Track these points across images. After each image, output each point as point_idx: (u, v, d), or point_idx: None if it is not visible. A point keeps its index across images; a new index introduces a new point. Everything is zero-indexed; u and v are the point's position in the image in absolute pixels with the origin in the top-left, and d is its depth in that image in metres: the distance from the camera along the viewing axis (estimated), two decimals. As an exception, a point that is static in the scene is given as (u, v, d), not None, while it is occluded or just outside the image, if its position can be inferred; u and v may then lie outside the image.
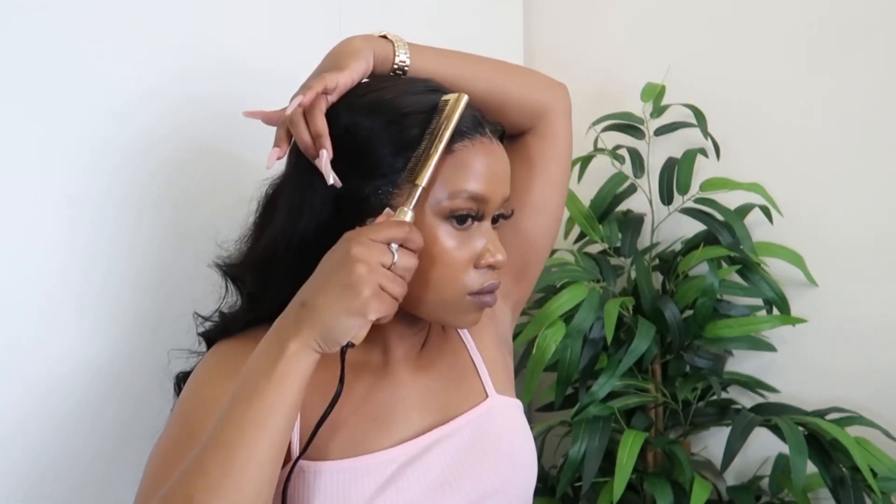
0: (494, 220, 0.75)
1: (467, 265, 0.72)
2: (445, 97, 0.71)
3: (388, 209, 0.69)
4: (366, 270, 0.63)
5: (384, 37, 0.78)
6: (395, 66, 0.77)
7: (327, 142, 0.69)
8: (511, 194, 0.84)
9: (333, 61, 0.74)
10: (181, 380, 0.80)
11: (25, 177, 0.84)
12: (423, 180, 0.68)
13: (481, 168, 0.71)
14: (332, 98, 0.72)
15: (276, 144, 0.73)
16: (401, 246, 0.66)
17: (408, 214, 0.67)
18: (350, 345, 0.65)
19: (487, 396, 0.82)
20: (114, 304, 0.92)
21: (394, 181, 0.70)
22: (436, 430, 0.77)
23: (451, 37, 1.45)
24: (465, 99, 0.70)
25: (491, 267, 0.73)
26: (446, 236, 0.71)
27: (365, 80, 0.76)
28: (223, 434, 0.61)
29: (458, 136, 0.70)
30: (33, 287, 0.85)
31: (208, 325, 0.81)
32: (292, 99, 0.72)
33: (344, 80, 0.72)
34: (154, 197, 0.96)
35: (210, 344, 0.80)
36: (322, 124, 0.69)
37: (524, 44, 1.69)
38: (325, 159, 0.68)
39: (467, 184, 0.70)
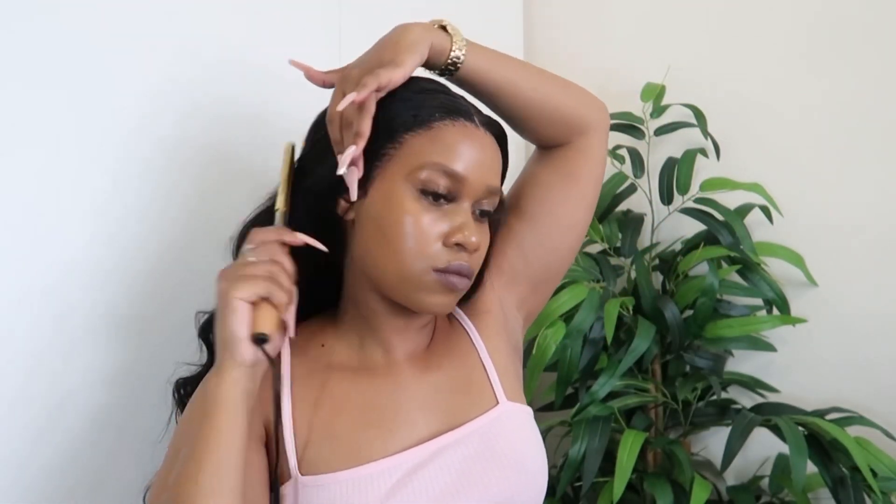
0: (483, 215, 0.75)
1: (435, 239, 0.72)
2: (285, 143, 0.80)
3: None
4: (223, 283, 0.68)
5: (443, 28, 0.77)
6: (449, 61, 0.76)
7: (362, 143, 0.70)
8: (544, 205, 0.85)
9: (390, 52, 0.73)
10: (180, 386, 0.81)
11: (37, 184, 0.84)
12: (280, 204, 0.76)
13: (458, 147, 0.72)
14: (382, 93, 0.72)
15: (340, 151, 0.74)
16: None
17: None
18: (262, 337, 0.67)
19: (498, 403, 0.80)
20: (122, 311, 0.93)
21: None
22: (444, 436, 0.76)
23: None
24: (291, 146, 0.79)
25: (461, 246, 0.72)
26: (413, 206, 0.71)
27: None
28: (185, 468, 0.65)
29: (439, 115, 0.72)
30: (42, 293, 0.85)
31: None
32: (338, 86, 0.74)
33: (398, 78, 0.71)
34: (163, 201, 0.96)
35: (207, 345, 0.81)
36: (367, 127, 0.70)
37: (524, 43, 1.69)
38: (348, 154, 0.70)
39: (440, 157, 0.71)
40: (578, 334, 1.29)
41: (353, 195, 0.72)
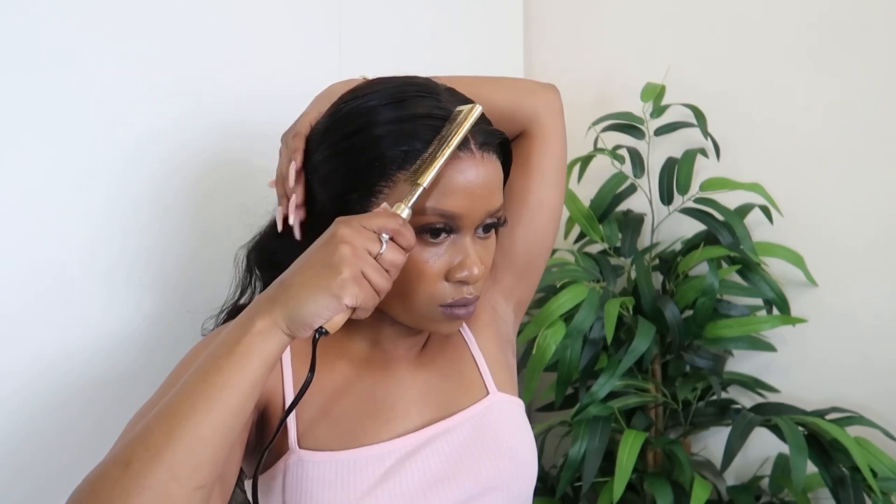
0: (487, 229, 0.74)
1: (438, 277, 0.72)
2: (460, 108, 0.71)
3: (385, 203, 0.68)
4: (349, 252, 0.61)
5: (364, 78, 0.78)
6: None
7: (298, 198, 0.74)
8: (509, 196, 0.84)
9: (316, 108, 0.77)
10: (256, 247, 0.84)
11: (39, 182, 0.85)
12: (426, 180, 0.66)
13: (456, 186, 0.70)
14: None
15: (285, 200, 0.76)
16: (391, 239, 0.64)
17: (405, 211, 0.66)
18: (324, 332, 0.62)
19: (488, 393, 0.82)
20: (140, 296, 0.93)
21: (391, 180, 0.70)
22: (436, 425, 0.78)
23: (451, 37, 1.45)
24: (478, 109, 0.69)
25: (463, 282, 0.72)
26: (417, 248, 0.70)
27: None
28: (174, 403, 0.59)
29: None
30: (60, 280, 0.85)
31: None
32: (281, 155, 0.77)
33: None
34: (166, 201, 0.96)
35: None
36: (300, 188, 0.74)
37: (524, 44, 1.69)
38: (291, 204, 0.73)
39: (436, 201, 0.69)
40: (578, 334, 1.29)
41: (291, 220, 0.74)
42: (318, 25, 1.17)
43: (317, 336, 0.62)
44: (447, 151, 0.67)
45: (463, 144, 0.70)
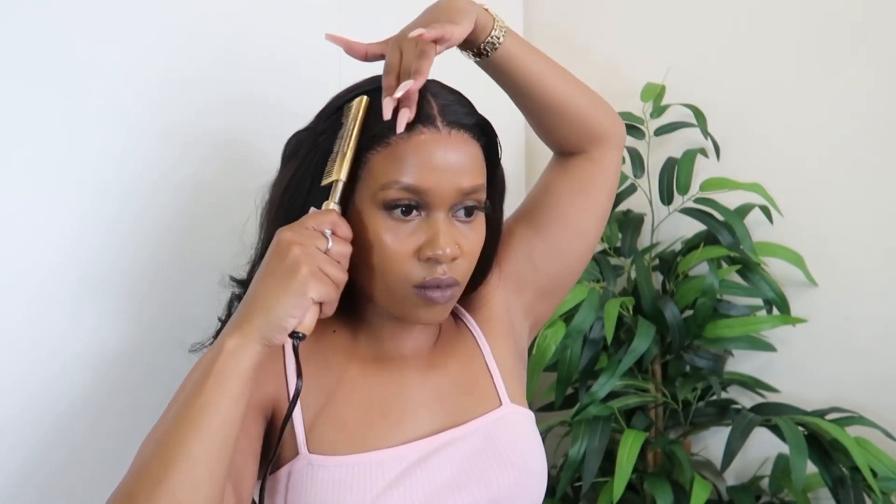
0: (469, 213, 0.74)
1: (407, 256, 0.71)
2: (349, 104, 0.74)
3: (312, 207, 0.71)
4: (301, 251, 0.65)
5: (486, 9, 0.78)
6: (489, 40, 0.77)
7: (421, 80, 0.69)
8: (554, 211, 0.85)
9: (443, 15, 0.74)
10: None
11: (33, 178, 0.85)
12: (342, 174, 0.70)
13: (419, 160, 0.70)
14: (440, 49, 0.72)
15: (389, 94, 0.70)
16: (332, 233, 0.67)
17: (332, 206, 0.70)
18: (300, 336, 0.66)
19: (501, 404, 0.81)
20: (130, 299, 0.93)
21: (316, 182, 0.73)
22: (447, 432, 0.77)
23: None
24: (365, 101, 0.73)
25: (434, 260, 0.71)
26: (381, 226, 0.71)
27: None
28: (164, 432, 0.62)
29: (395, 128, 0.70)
30: (39, 284, 0.85)
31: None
32: (395, 41, 0.73)
33: (458, 35, 0.73)
34: (164, 194, 0.96)
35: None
36: (426, 68, 0.69)
37: (524, 44, 1.69)
38: (403, 87, 0.68)
39: (400, 175, 0.70)
40: (578, 334, 1.29)
41: (388, 114, 0.69)
42: (317, 26, 1.17)
43: (295, 342, 0.66)
44: (349, 144, 0.71)
45: (427, 122, 0.71)
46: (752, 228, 1.42)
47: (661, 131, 1.46)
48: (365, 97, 0.74)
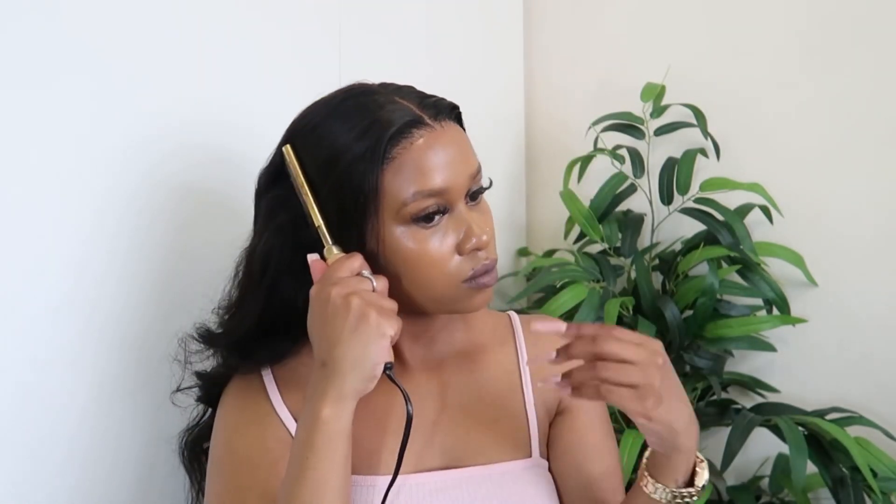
0: (475, 196, 0.74)
1: (450, 256, 0.71)
2: (284, 148, 0.74)
3: (308, 256, 0.72)
4: (359, 299, 0.67)
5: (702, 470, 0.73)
6: (684, 493, 0.72)
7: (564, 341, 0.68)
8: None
9: (680, 423, 0.69)
10: (189, 444, 0.83)
11: (41, 189, 0.84)
12: (318, 220, 0.71)
13: (428, 163, 0.69)
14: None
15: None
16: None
17: (334, 249, 0.71)
18: (390, 366, 0.68)
19: (531, 455, 0.80)
20: (121, 317, 0.93)
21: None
22: (470, 469, 0.76)
23: (450, 36, 1.45)
24: (288, 148, 0.73)
25: (476, 249, 0.72)
26: (413, 240, 0.70)
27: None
28: None
29: (391, 141, 0.69)
30: (44, 294, 0.85)
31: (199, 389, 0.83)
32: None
33: (654, 432, 0.69)
34: (160, 207, 0.96)
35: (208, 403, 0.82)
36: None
37: (524, 43, 1.69)
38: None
39: (417, 185, 0.69)
40: (578, 334, 1.28)
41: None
42: (317, 25, 1.17)
43: (390, 374, 0.69)
44: (307, 189, 0.72)
45: (417, 123, 0.70)
46: (752, 228, 1.41)
47: (661, 131, 1.46)
48: (287, 145, 0.74)
